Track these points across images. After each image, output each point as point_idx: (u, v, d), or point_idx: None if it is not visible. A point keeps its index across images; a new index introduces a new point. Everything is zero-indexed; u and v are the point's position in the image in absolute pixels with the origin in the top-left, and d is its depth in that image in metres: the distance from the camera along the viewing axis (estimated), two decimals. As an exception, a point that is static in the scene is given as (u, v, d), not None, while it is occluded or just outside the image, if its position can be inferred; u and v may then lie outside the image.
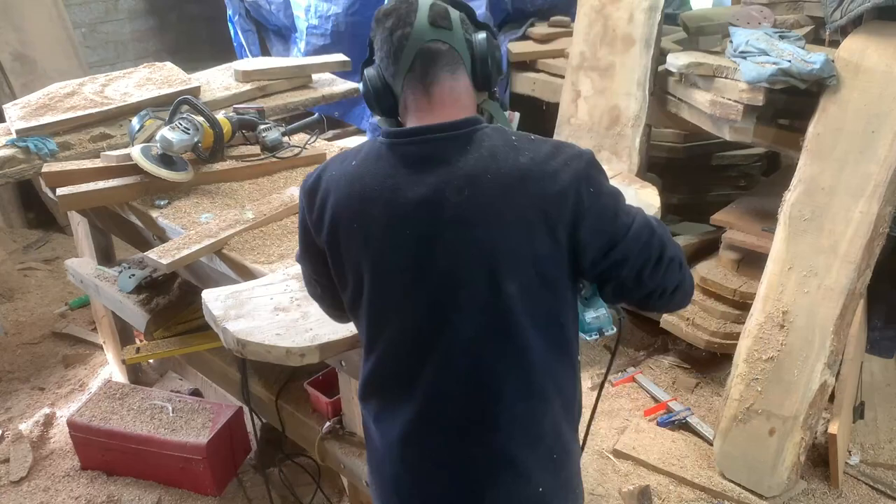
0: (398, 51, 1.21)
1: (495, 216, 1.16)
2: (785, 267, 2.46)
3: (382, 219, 1.19)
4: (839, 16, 2.65)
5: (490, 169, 1.16)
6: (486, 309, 1.18)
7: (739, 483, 2.47)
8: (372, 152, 1.24)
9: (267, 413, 2.21)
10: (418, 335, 1.21)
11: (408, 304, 1.21)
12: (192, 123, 2.25)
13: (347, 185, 1.22)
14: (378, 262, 1.21)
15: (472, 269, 1.17)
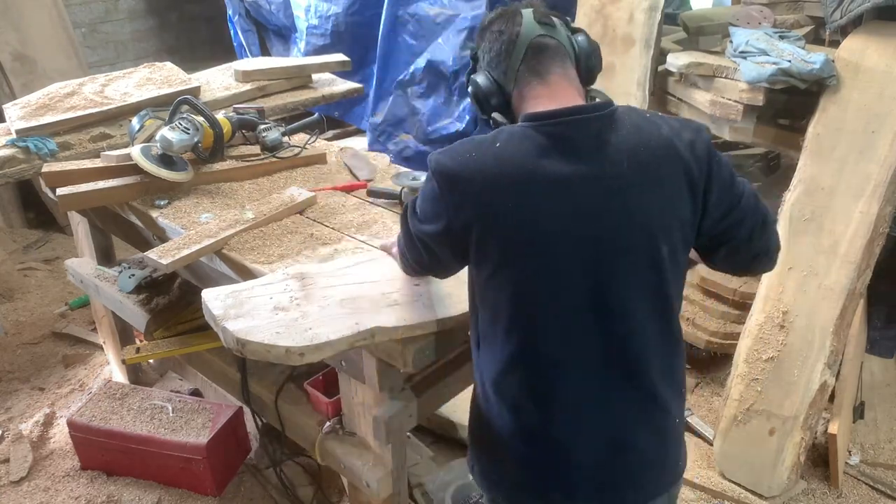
0: (510, 47, 1.34)
1: (652, 185, 1.27)
2: (785, 267, 2.46)
3: (540, 195, 1.25)
4: (839, 16, 2.65)
5: (641, 142, 1.28)
6: (643, 272, 1.30)
7: (739, 483, 2.47)
8: (514, 135, 1.29)
9: (267, 413, 2.21)
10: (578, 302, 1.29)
11: (568, 274, 1.28)
12: (192, 123, 2.24)
13: (497, 166, 1.26)
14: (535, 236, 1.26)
15: (633, 236, 1.28)
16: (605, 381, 1.33)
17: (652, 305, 1.32)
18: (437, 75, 3.94)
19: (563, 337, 1.31)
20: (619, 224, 1.27)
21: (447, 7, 3.89)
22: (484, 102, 1.39)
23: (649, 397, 1.36)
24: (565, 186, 1.25)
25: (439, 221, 1.31)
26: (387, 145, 4.20)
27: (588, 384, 1.33)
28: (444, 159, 1.30)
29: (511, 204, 1.25)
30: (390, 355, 1.65)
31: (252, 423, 2.37)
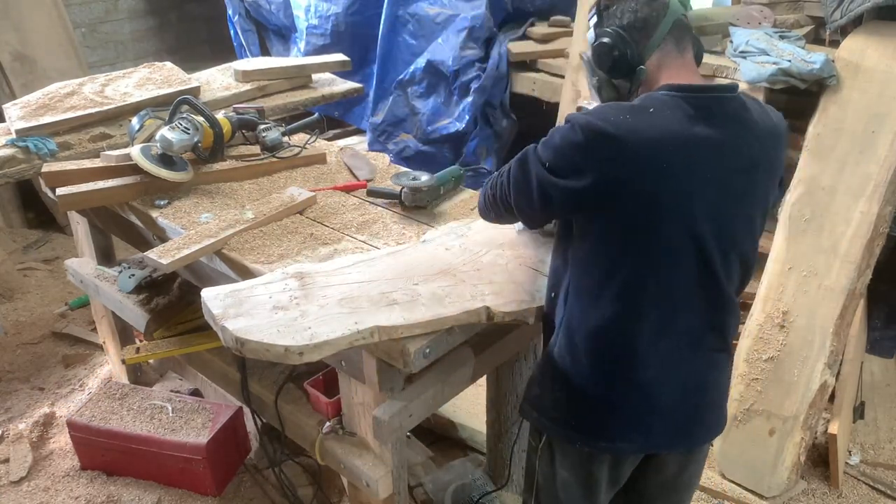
0: (658, 18, 1.43)
1: (769, 166, 1.43)
2: (785, 267, 2.46)
3: (693, 160, 1.34)
4: (839, 16, 2.65)
5: (767, 127, 1.43)
6: (747, 239, 1.45)
7: (739, 483, 2.47)
8: (665, 103, 1.37)
9: (267, 413, 2.21)
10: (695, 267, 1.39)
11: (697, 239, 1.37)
12: (192, 123, 2.24)
13: (655, 129, 1.33)
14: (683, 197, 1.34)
15: (752, 210, 1.43)
16: (700, 341, 1.45)
17: (743, 277, 1.49)
18: (436, 75, 3.94)
19: (674, 300, 1.41)
20: (747, 197, 1.41)
21: (447, 7, 3.89)
22: (608, 59, 1.46)
23: (725, 353, 1.53)
24: (715, 153, 1.36)
25: (582, 177, 1.34)
26: (387, 145, 4.20)
27: (684, 344, 1.44)
28: (594, 120, 1.34)
29: (666, 165, 1.32)
30: (390, 355, 1.64)
31: (252, 423, 2.37)
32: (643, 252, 1.38)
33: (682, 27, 1.45)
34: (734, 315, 1.51)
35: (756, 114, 1.43)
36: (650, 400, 1.46)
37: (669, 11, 1.43)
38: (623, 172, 1.33)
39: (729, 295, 1.46)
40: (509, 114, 3.86)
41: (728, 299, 1.46)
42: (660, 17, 1.43)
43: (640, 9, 1.45)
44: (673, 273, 1.39)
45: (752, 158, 1.40)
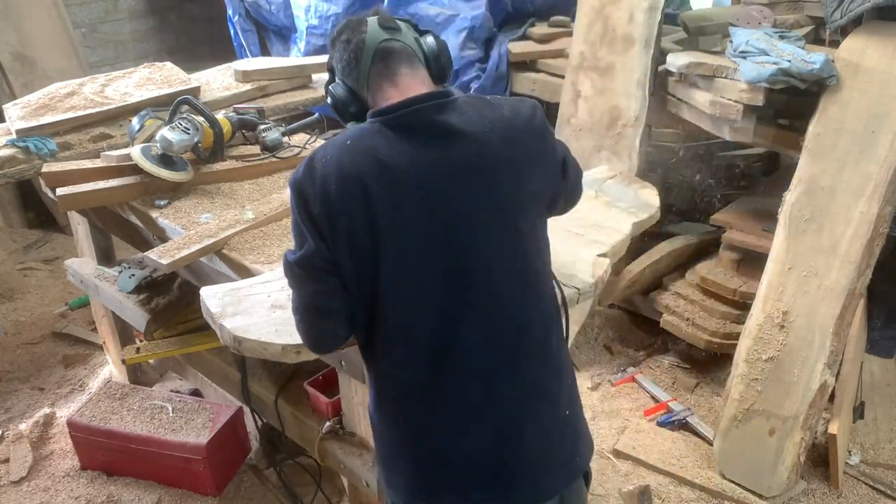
0: (358, 54, 1.37)
1: (502, 165, 1.31)
2: (785, 267, 2.46)
3: (396, 186, 1.26)
4: (839, 16, 2.65)
5: (485, 125, 1.31)
6: (507, 251, 1.32)
7: (739, 483, 2.47)
8: (364, 132, 1.31)
9: (267, 413, 2.21)
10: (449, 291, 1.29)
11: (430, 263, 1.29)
12: (192, 123, 2.25)
13: (350, 163, 1.27)
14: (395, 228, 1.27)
15: (489, 217, 1.30)
16: (484, 373, 1.33)
17: (520, 288, 1.34)
18: (437, 75, 3.94)
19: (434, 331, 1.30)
20: (475, 207, 1.29)
21: (447, 7, 3.89)
22: (343, 111, 1.43)
23: (532, 387, 1.37)
24: (419, 174, 1.27)
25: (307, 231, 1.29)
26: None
27: (466, 377, 1.33)
28: (299, 170, 1.31)
29: (366, 198, 1.25)
30: (390, 355, 1.64)
31: (252, 423, 2.37)
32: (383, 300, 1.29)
33: (387, 52, 1.37)
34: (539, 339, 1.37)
35: (475, 112, 1.33)
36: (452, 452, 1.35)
37: (367, 43, 1.36)
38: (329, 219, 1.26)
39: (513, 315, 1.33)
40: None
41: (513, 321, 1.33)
42: (357, 57, 1.37)
43: (342, 56, 1.41)
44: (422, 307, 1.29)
45: (472, 162, 1.29)
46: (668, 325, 2.96)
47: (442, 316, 1.30)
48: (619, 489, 2.48)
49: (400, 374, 1.35)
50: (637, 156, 3.05)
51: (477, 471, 1.36)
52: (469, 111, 1.33)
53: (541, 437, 1.38)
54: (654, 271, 3.09)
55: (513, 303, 1.33)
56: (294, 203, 1.30)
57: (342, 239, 1.27)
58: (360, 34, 1.37)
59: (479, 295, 1.31)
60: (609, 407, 2.86)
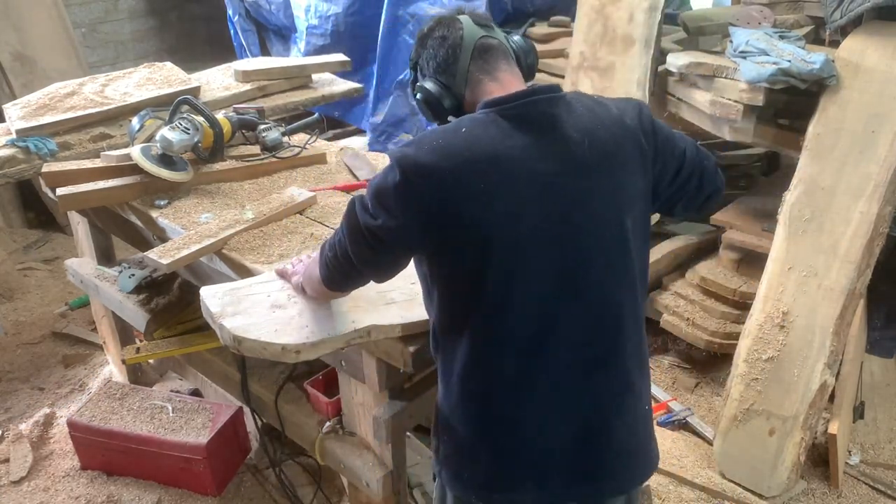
0: (456, 50, 1.38)
1: (611, 162, 1.32)
2: (785, 267, 2.46)
3: (512, 176, 1.26)
4: (839, 16, 2.65)
5: (597, 122, 1.33)
6: (613, 247, 1.33)
7: (739, 483, 2.47)
8: (477, 121, 1.30)
9: (267, 413, 2.21)
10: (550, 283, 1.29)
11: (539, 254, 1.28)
12: (192, 123, 2.24)
13: (468, 149, 1.26)
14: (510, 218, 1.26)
15: (599, 213, 1.31)
16: (579, 366, 1.34)
17: (622, 284, 1.35)
18: (437, 75, 3.94)
19: (534, 322, 1.30)
20: (586, 202, 1.30)
21: (447, 7, 3.89)
22: (437, 107, 1.42)
23: (622, 382, 1.38)
24: (531, 166, 1.27)
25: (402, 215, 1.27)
26: (387, 145, 4.20)
27: (560, 370, 1.33)
28: (408, 151, 1.28)
29: (484, 185, 1.25)
30: (390, 355, 1.65)
31: (252, 423, 2.37)
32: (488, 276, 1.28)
33: (486, 48, 1.38)
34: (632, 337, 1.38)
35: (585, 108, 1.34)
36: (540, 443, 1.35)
37: (464, 43, 1.38)
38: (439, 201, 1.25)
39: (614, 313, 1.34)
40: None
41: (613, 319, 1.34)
42: (455, 54, 1.38)
43: (437, 53, 1.40)
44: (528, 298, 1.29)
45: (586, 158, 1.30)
46: (668, 325, 2.96)
47: (544, 307, 1.30)
48: (619, 489, 2.48)
49: (493, 363, 1.34)
50: (637, 156, 3.05)
51: (560, 462, 1.36)
52: (579, 107, 1.34)
53: (625, 431, 1.40)
54: (654, 271, 3.09)
55: (614, 299, 1.34)
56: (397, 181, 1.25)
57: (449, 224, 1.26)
58: (456, 31, 1.38)
59: (582, 289, 1.31)
60: (609, 407, 2.86)
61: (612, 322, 1.35)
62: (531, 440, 1.36)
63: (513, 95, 1.32)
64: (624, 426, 1.39)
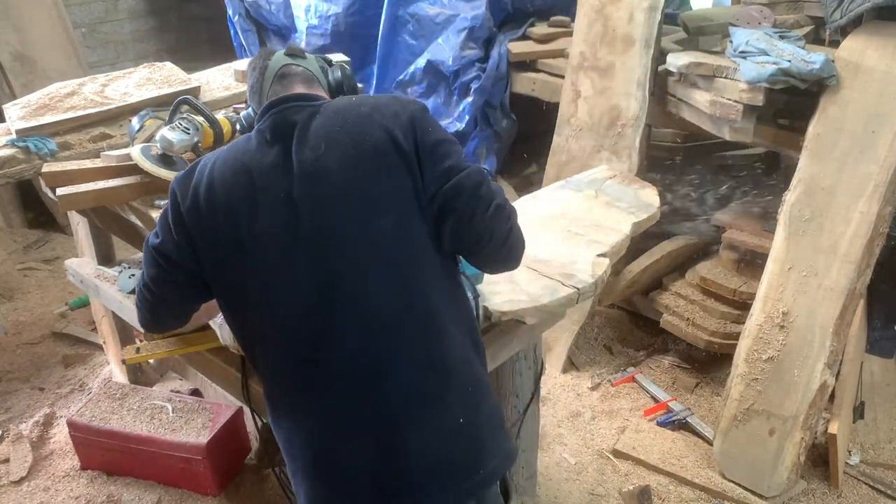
0: (261, 78, 1.45)
1: (353, 162, 1.29)
2: (785, 267, 2.46)
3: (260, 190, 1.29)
4: (839, 16, 2.65)
5: (338, 124, 1.32)
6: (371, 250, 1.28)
7: (739, 483, 2.47)
8: (242, 139, 1.40)
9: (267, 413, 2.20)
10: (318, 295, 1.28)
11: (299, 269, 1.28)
12: (192, 123, 2.24)
13: (220, 171, 1.33)
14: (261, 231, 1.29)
15: (350, 216, 1.28)
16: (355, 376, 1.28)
17: (392, 287, 1.29)
18: (436, 75, 3.94)
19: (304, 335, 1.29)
20: (331, 209, 1.28)
21: (447, 7, 3.89)
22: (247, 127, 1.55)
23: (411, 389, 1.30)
24: (277, 178, 1.30)
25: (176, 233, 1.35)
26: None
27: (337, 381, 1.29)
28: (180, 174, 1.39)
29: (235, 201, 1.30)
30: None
31: (252, 423, 2.36)
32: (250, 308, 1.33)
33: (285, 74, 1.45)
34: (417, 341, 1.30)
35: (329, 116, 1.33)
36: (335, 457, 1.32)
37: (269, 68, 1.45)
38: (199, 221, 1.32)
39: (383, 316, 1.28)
40: (509, 114, 3.86)
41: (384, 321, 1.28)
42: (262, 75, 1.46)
43: (249, 79, 1.50)
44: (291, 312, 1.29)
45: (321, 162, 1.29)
46: (668, 325, 2.96)
47: (310, 319, 1.29)
48: (619, 489, 2.48)
49: (276, 380, 1.37)
50: (637, 156, 3.05)
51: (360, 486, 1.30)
52: (327, 112, 1.35)
53: (427, 449, 1.29)
54: (654, 271, 3.09)
55: (381, 303, 1.28)
56: (169, 201, 1.36)
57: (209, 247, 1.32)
58: (265, 60, 1.47)
59: (346, 297, 1.28)
60: (609, 407, 2.86)
61: (380, 328, 1.28)
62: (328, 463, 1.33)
63: (265, 106, 1.39)
64: (422, 443, 1.29)
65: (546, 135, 3.40)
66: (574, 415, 2.82)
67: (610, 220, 2.18)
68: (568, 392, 2.94)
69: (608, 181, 2.49)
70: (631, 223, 2.17)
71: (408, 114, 1.33)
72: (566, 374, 3.03)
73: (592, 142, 3.18)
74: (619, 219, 2.20)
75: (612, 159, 3.10)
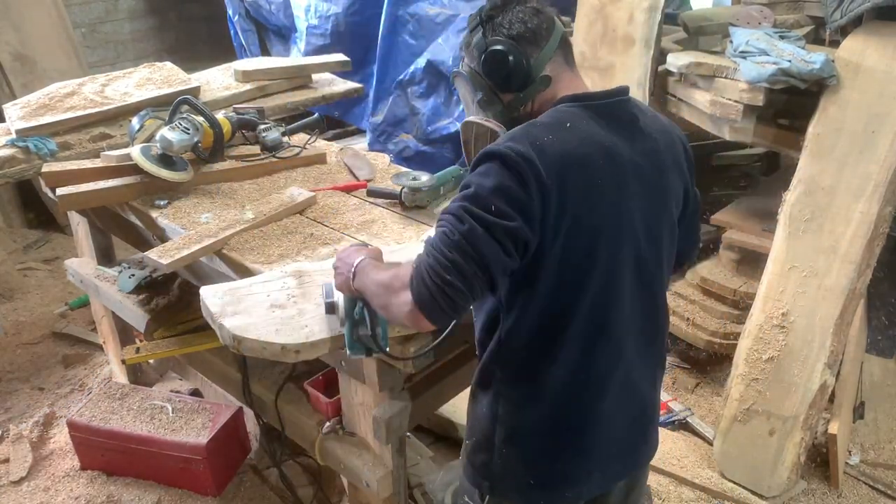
0: (549, 29, 1.34)
1: (673, 166, 1.39)
2: (785, 267, 2.46)
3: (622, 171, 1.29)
4: (839, 16, 2.65)
5: (662, 128, 1.40)
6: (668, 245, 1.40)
7: (739, 483, 2.47)
8: (574, 115, 1.29)
9: (267, 413, 2.21)
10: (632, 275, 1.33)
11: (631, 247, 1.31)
12: (192, 123, 2.24)
13: (582, 145, 1.25)
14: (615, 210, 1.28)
15: (670, 210, 1.39)
16: (642, 353, 1.41)
17: (665, 276, 1.44)
18: (437, 75, 3.94)
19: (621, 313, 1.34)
20: (662, 199, 1.37)
21: (447, 7, 3.89)
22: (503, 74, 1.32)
23: (661, 363, 1.50)
24: (635, 162, 1.31)
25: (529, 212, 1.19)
26: (387, 145, 4.20)
27: (629, 359, 1.38)
28: (519, 148, 1.20)
29: (600, 180, 1.26)
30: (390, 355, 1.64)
31: (252, 423, 2.37)
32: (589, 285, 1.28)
33: (568, 44, 1.39)
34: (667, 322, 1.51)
35: (649, 115, 1.41)
36: (609, 432, 1.39)
37: (557, 25, 1.36)
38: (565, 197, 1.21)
39: (663, 304, 1.45)
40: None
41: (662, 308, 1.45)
42: (550, 29, 1.34)
43: (529, 20, 1.33)
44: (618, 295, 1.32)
45: (660, 159, 1.36)
46: (668, 325, 2.96)
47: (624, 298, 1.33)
48: (619, 489, 2.47)
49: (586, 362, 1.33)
50: (637, 156, 3.05)
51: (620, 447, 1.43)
52: (647, 113, 1.40)
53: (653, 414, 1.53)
54: (654, 271, 3.09)
55: (662, 288, 1.42)
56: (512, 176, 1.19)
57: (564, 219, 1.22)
58: (549, 12, 1.36)
59: (647, 279, 1.36)
60: (609, 407, 2.86)
61: (660, 318, 1.44)
62: (603, 433, 1.39)
63: (604, 93, 1.34)
64: (657, 399, 1.54)
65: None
66: (574, 415, 2.82)
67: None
68: (568, 392, 2.94)
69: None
70: (631, 223, 2.17)
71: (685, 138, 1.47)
72: (566, 374, 3.03)
73: (592, 142, 3.18)
74: (619, 219, 2.20)
75: (612, 159, 3.10)
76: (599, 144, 1.27)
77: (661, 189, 1.36)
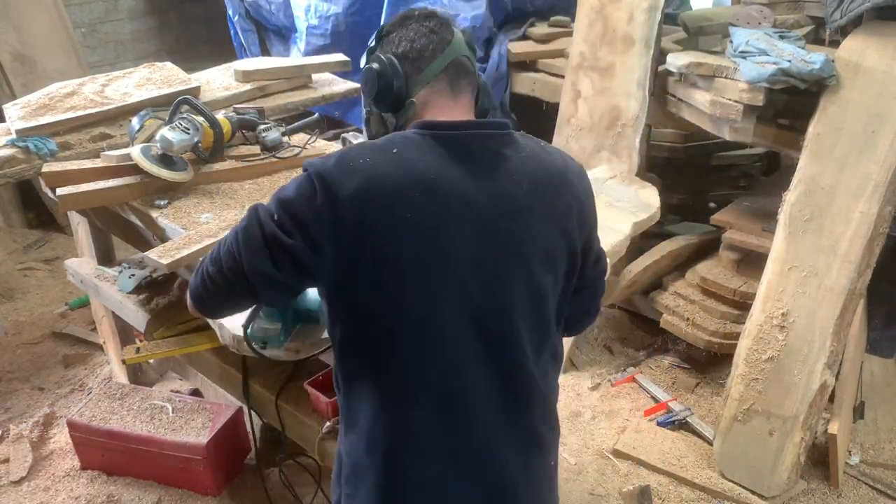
0: (435, 51, 1.29)
1: (547, 212, 1.25)
2: (785, 267, 2.46)
3: (442, 207, 1.18)
4: (839, 16, 2.65)
5: (541, 168, 1.26)
6: (533, 299, 1.25)
7: (739, 483, 2.47)
8: (412, 141, 1.21)
9: (267, 413, 2.21)
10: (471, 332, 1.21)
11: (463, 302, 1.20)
12: (192, 123, 2.24)
13: (400, 172, 1.17)
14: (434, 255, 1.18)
15: (523, 260, 1.24)
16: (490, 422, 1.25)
17: (536, 338, 1.27)
18: (437, 75, 3.95)
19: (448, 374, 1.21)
20: (512, 247, 1.22)
21: (447, 7, 3.89)
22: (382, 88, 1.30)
23: (536, 443, 1.30)
24: (467, 200, 1.19)
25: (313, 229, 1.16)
26: (387, 145, 4.20)
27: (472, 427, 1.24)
28: (328, 167, 1.18)
29: (411, 215, 1.16)
30: (390, 355, 1.64)
31: (252, 423, 2.37)
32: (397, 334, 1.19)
33: (462, 69, 1.31)
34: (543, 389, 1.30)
35: (531, 153, 1.27)
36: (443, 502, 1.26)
37: (450, 48, 1.29)
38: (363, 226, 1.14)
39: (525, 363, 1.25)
40: (509, 114, 3.86)
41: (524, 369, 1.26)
42: (437, 51, 1.28)
43: (417, 39, 1.29)
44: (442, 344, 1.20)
45: (516, 204, 1.22)
46: (668, 325, 2.96)
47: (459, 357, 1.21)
48: (619, 489, 2.48)
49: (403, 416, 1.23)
50: (637, 156, 3.06)
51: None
52: (526, 149, 1.27)
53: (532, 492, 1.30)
54: (654, 271, 3.09)
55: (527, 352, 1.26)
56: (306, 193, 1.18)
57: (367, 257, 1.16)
58: (447, 33, 1.30)
59: (498, 340, 1.23)
60: (609, 407, 2.86)
61: (525, 377, 1.26)
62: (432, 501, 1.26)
63: (462, 123, 1.26)
64: (530, 486, 1.30)
65: (546, 135, 3.40)
66: (574, 415, 2.82)
67: (610, 220, 2.19)
68: (568, 392, 2.94)
69: (608, 181, 2.50)
70: (631, 223, 2.18)
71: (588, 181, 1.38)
72: (566, 374, 3.03)
73: (592, 142, 3.18)
74: (619, 219, 2.20)
75: (612, 159, 3.10)
76: (420, 175, 1.17)
77: (507, 235, 1.21)
